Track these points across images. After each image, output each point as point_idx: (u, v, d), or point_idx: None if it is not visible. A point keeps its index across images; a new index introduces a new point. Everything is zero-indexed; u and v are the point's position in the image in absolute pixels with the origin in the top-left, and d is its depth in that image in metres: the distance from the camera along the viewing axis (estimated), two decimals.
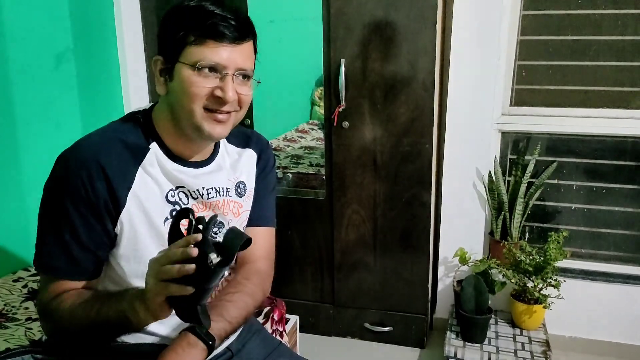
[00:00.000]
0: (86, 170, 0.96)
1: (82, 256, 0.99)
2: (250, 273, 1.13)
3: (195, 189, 1.07)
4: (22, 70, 1.81)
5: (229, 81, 0.98)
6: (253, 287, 1.11)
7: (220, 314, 1.01)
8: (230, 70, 0.98)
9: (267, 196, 1.23)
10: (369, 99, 2.11)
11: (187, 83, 0.97)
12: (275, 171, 1.28)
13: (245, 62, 1.00)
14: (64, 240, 0.98)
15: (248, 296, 1.08)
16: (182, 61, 0.97)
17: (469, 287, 2.07)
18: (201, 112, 0.99)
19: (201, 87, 0.97)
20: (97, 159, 0.97)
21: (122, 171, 0.99)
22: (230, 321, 1.02)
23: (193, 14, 0.97)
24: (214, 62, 0.96)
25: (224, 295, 1.07)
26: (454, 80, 2.16)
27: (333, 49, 2.10)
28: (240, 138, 1.20)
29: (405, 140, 2.11)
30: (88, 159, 0.97)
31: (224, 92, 0.97)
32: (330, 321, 2.42)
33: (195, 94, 0.97)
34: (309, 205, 2.32)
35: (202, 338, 0.95)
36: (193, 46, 0.96)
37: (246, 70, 1.00)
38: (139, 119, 1.07)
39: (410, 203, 2.17)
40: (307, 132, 3.72)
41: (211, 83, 0.97)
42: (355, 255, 2.30)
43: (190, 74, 0.96)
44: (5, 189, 1.78)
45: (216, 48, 0.96)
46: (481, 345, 2.07)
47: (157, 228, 1.03)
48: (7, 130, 1.79)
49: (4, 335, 1.47)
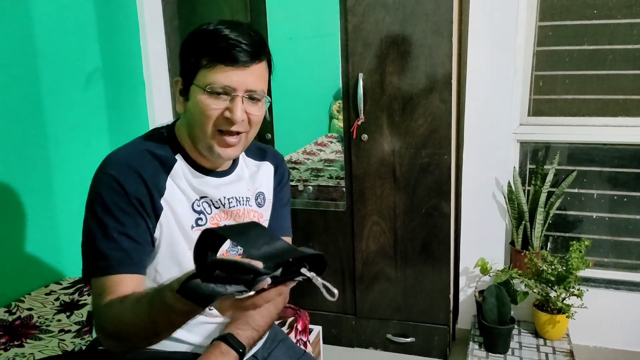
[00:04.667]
0: (126, 174, 1.03)
1: (133, 247, 1.01)
2: None
3: (218, 199, 1.13)
4: (53, 91, 1.89)
5: (238, 102, 1.02)
6: None
7: (247, 322, 1.05)
8: (240, 92, 1.02)
9: (283, 208, 1.28)
10: (387, 112, 2.14)
11: (199, 104, 1.03)
12: (289, 185, 1.33)
13: (255, 84, 1.04)
14: (113, 238, 1.00)
15: (271, 304, 1.11)
16: (196, 83, 1.03)
17: (491, 297, 2.07)
18: (213, 133, 1.05)
19: (212, 108, 1.03)
20: (133, 167, 1.04)
21: (156, 179, 1.06)
22: (257, 329, 1.06)
23: (207, 38, 1.02)
24: (224, 85, 1.01)
25: None
26: (471, 91, 2.19)
27: (351, 64, 2.15)
28: (257, 152, 1.27)
29: (424, 151, 2.14)
30: (125, 166, 1.04)
31: (232, 113, 1.02)
32: (353, 332, 2.44)
33: (207, 115, 1.03)
34: (329, 217, 2.35)
35: (234, 347, 0.99)
36: (205, 70, 1.02)
37: (255, 92, 1.05)
38: (163, 134, 1.13)
39: (430, 214, 2.19)
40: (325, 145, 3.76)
41: (221, 105, 1.03)
42: (377, 266, 2.32)
43: (202, 96, 1.02)
44: (37, 205, 1.85)
45: (226, 72, 1.01)
46: (504, 356, 2.06)
47: (188, 234, 1.09)
48: (39, 150, 1.86)
49: (38, 347, 1.53)
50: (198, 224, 1.10)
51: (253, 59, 1.02)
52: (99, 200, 1.03)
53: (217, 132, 1.05)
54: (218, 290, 0.70)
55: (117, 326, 0.93)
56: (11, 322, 1.63)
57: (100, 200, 1.03)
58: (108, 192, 1.02)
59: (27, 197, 1.81)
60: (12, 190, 1.75)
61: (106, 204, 1.02)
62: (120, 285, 0.98)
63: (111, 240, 1.00)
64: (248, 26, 1.07)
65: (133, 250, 1.01)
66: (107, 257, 1.00)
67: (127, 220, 1.01)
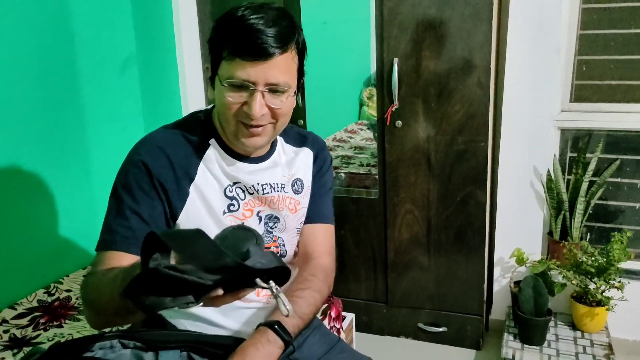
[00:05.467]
0: (155, 157, 1.03)
1: (142, 228, 0.99)
2: (316, 269, 1.15)
3: (251, 185, 1.11)
4: (91, 76, 1.91)
5: (256, 98, 0.98)
6: (320, 283, 1.12)
7: (293, 310, 1.03)
8: (259, 86, 0.98)
9: (324, 195, 1.25)
10: (422, 98, 2.10)
11: (220, 96, 1.01)
12: (332, 171, 1.30)
13: (277, 77, 0.98)
14: (124, 215, 1.00)
15: (316, 292, 1.10)
16: (218, 74, 1.01)
17: (528, 288, 2.02)
18: (235, 124, 1.03)
19: (231, 102, 1.00)
20: (164, 150, 1.04)
21: (186, 164, 1.05)
22: (302, 317, 1.04)
23: (229, 28, 0.98)
24: (242, 80, 0.97)
25: (293, 291, 1.09)
26: (510, 76, 2.12)
27: (386, 49, 2.10)
28: (297, 138, 1.23)
29: (459, 138, 2.09)
30: (157, 149, 1.04)
31: (250, 109, 0.99)
32: (384, 320, 2.42)
33: (228, 108, 1.01)
34: (362, 204, 2.33)
35: (281, 335, 0.97)
36: (225, 62, 0.98)
37: (278, 85, 0.99)
38: (200, 118, 1.13)
39: (465, 202, 2.15)
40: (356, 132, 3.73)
41: (241, 98, 0.99)
42: (409, 254, 2.30)
43: (222, 88, 1.00)
44: (75, 188, 1.88)
45: (244, 66, 0.96)
46: (540, 348, 2.02)
47: (219, 219, 1.07)
48: (78, 134, 1.89)
49: (77, 327, 1.56)
50: (230, 209, 1.09)
51: (276, 50, 0.96)
52: (122, 177, 1.04)
53: (240, 122, 1.03)
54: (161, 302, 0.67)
55: (93, 295, 0.92)
56: (50, 303, 1.67)
57: (124, 178, 1.03)
58: (132, 171, 1.03)
59: (65, 181, 1.84)
60: (51, 174, 1.78)
61: (128, 181, 1.02)
62: (117, 261, 0.96)
63: (122, 217, 1.00)
64: (278, 12, 1.00)
65: (140, 230, 0.99)
66: (113, 232, 1.00)
67: (143, 201, 1.01)
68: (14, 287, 1.66)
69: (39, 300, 1.67)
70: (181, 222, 1.05)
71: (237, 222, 1.10)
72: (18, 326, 1.54)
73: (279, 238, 1.17)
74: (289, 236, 1.19)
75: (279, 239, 1.17)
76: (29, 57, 1.68)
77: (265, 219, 1.15)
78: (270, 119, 1.03)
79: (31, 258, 1.72)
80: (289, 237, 1.19)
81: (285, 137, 1.21)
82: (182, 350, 0.97)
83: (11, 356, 1.40)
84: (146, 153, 1.04)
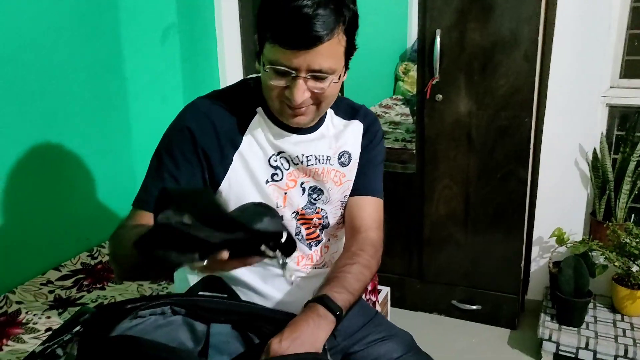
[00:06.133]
0: (201, 123, 1.03)
1: None
2: (364, 244, 1.13)
3: (296, 155, 1.10)
4: (133, 45, 1.92)
5: (297, 84, 0.95)
6: (368, 257, 1.11)
7: (343, 285, 1.01)
8: (302, 72, 0.95)
9: (374, 168, 1.22)
10: (465, 71, 2.04)
11: (263, 77, 1.00)
12: (384, 145, 1.27)
13: (320, 64, 0.94)
14: (162, 177, 1.02)
15: (365, 267, 1.08)
16: (263, 53, 0.98)
17: (568, 269, 1.98)
18: (279, 103, 1.01)
19: (274, 86, 0.98)
20: (211, 117, 1.04)
21: (232, 132, 1.05)
22: (353, 293, 1.02)
23: (273, 11, 0.93)
24: (284, 66, 0.94)
25: (342, 266, 1.07)
26: (558, 50, 2.04)
27: (429, 20, 2.04)
28: (348, 111, 1.20)
29: (503, 113, 2.03)
30: (203, 116, 1.04)
31: (291, 95, 0.97)
32: (417, 296, 2.41)
33: (270, 89, 0.99)
34: (398, 179, 2.30)
35: (332, 310, 0.95)
36: (269, 44, 0.94)
37: (320, 71, 0.95)
38: (250, 85, 1.11)
39: (505, 179, 2.10)
40: (390, 107, 3.68)
41: (283, 82, 0.97)
42: (446, 230, 2.27)
43: (265, 70, 0.98)
44: (117, 155, 1.91)
45: (286, 53, 0.92)
46: (578, 330, 1.98)
47: (261, 188, 1.07)
48: (120, 102, 1.91)
49: (119, 290, 1.60)
50: (274, 179, 1.09)
51: (322, 38, 0.91)
52: (167, 139, 1.05)
53: (283, 102, 1.01)
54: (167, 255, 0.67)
55: (117, 248, 0.95)
56: (93, 266, 1.71)
57: (168, 140, 1.05)
58: (177, 135, 1.04)
59: (107, 148, 1.87)
60: (94, 141, 1.81)
61: (171, 144, 1.03)
62: (146, 220, 0.99)
63: (160, 179, 1.01)
64: None
65: None
66: (148, 192, 1.02)
67: (184, 166, 1.02)
68: (59, 249, 1.71)
69: (82, 263, 1.71)
70: (223, 189, 1.06)
71: (280, 191, 1.10)
72: (63, 287, 1.59)
73: (322, 210, 1.16)
74: (332, 208, 1.18)
75: (322, 211, 1.16)
76: (72, 25, 1.70)
77: (309, 190, 1.14)
78: (313, 101, 1.01)
79: (75, 222, 1.77)
80: (333, 209, 1.18)
81: (335, 109, 1.19)
82: (234, 328, 0.97)
83: (56, 315, 1.45)
84: (193, 119, 1.04)
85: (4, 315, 1.43)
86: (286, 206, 1.11)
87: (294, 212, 1.12)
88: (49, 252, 1.69)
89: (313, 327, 0.92)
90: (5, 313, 1.44)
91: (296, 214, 1.12)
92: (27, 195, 1.61)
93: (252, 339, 0.96)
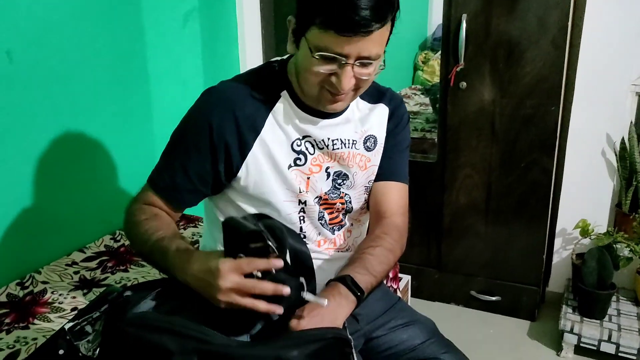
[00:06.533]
0: (220, 109, 1.02)
1: (183, 186, 1.05)
2: (389, 228, 1.12)
3: (321, 139, 1.08)
4: (154, 28, 1.92)
5: (347, 71, 0.94)
6: (393, 242, 1.10)
7: (365, 267, 1.01)
8: (351, 59, 0.93)
9: (400, 153, 1.20)
10: (490, 58, 2.01)
11: (306, 63, 0.96)
12: (409, 129, 1.25)
13: (370, 50, 0.93)
14: (173, 165, 1.05)
15: (389, 251, 1.08)
16: (307, 38, 0.94)
17: (592, 261, 1.94)
18: (319, 89, 1.00)
19: (319, 72, 0.95)
20: (232, 103, 1.03)
21: (253, 116, 1.04)
22: (375, 275, 1.02)
23: None
24: (335, 53, 0.92)
25: (365, 249, 1.07)
26: (588, 36, 1.99)
27: (454, 5, 2.01)
28: (374, 94, 1.18)
29: (528, 102, 1.99)
30: (224, 100, 1.03)
31: (339, 81, 0.95)
32: (435, 286, 2.40)
33: (314, 76, 0.97)
34: (418, 168, 2.28)
35: (353, 290, 0.95)
36: (317, 29, 0.91)
37: (369, 57, 0.94)
38: (274, 68, 1.10)
39: (529, 169, 2.07)
40: (409, 97, 3.64)
41: (328, 69, 0.95)
42: (466, 220, 2.25)
43: (310, 56, 0.94)
44: (138, 139, 1.92)
45: (339, 40, 0.90)
46: (601, 322, 1.95)
47: (282, 173, 1.06)
48: (141, 87, 1.91)
49: (141, 273, 1.61)
50: (296, 163, 1.08)
51: (376, 26, 0.90)
52: (183, 126, 1.07)
53: (324, 89, 0.99)
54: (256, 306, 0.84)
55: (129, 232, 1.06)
56: (117, 248, 1.73)
57: (184, 125, 1.06)
58: (193, 125, 1.04)
59: (128, 133, 1.88)
60: (116, 126, 1.82)
61: (186, 134, 1.05)
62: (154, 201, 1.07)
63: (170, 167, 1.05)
64: None
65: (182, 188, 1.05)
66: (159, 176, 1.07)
67: (195, 157, 1.03)
68: (83, 232, 1.72)
69: (105, 246, 1.73)
70: (242, 175, 1.05)
71: (303, 176, 1.08)
72: (87, 268, 1.61)
73: (346, 195, 1.15)
74: (356, 193, 1.17)
75: (346, 196, 1.15)
76: (95, 9, 1.70)
77: (334, 175, 1.13)
78: (354, 87, 0.99)
79: (98, 205, 1.78)
80: (357, 194, 1.17)
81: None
82: None
83: (81, 295, 1.47)
84: (215, 110, 1.03)
85: (30, 295, 1.45)
86: (309, 191, 1.10)
87: (317, 197, 1.11)
88: (73, 234, 1.70)
89: (334, 305, 0.92)
90: (31, 292, 1.46)
91: (319, 198, 1.12)
92: (52, 178, 1.63)
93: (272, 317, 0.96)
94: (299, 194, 1.08)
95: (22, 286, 1.49)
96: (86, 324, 0.91)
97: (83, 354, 0.90)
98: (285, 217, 1.08)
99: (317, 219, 1.12)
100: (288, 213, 1.09)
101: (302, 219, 1.10)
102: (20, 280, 1.51)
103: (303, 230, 1.11)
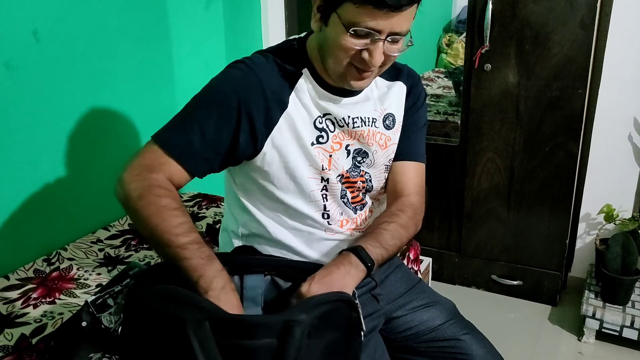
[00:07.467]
0: (247, 81, 1.01)
1: (200, 147, 0.99)
2: (405, 206, 1.13)
3: (342, 117, 1.08)
4: (177, 11, 1.92)
5: (379, 46, 0.94)
6: (407, 219, 1.10)
7: (378, 240, 1.02)
8: (384, 35, 0.93)
9: (417, 132, 1.20)
10: (516, 39, 1.97)
11: (337, 39, 0.95)
12: (427, 107, 1.24)
13: (402, 26, 0.94)
14: (191, 126, 0.99)
15: (402, 228, 1.08)
16: (339, 13, 0.94)
17: (616, 246, 1.92)
18: (347, 65, 0.99)
19: (350, 48, 0.95)
20: (260, 76, 1.02)
21: (279, 92, 1.04)
22: (387, 249, 1.02)
23: None
24: (369, 28, 0.92)
25: (379, 224, 1.08)
26: (617, 17, 1.93)
27: None
28: (391, 72, 1.17)
29: (554, 84, 1.95)
30: (252, 74, 1.02)
31: (371, 57, 0.95)
32: (455, 270, 2.39)
33: (344, 51, 0.96)
34: (440, 151, 2.26)
35: (363, 260, 0.96)
36: (352, 4, 0.91)
37: (400, 33, 0.94)
38: (293, 46, 1.09)
39: (553, 153, 2.03)
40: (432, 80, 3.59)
41: (361, 44, 0.95)
42: (487, 204, 2.23)
43: (342, 31, 0.94)
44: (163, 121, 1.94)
45: (375, 15, 0.90)
46: (623, 308, 1.93)
47: (307, 149, 1.06)
48: (164, 69, 1.93)
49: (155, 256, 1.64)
50: (319, 141, 1.08)
51: (410, 2, 0.91)
52: (208, 88, 1.03)
53: (352, 65, 0.99)
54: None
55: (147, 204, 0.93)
56: None
57: (209, 89, 1.03)
58: (219, 90, 1.02)
59: (152, 113, 1.90)
60: (139, 106, 1.84)
61: (210, 95, 1.02)
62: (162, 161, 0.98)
63: (189, 127, 0.99)
64: None
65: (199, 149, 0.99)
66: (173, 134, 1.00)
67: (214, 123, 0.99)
68: (108, 210, 1.75)
69: (129, 224, 1.76)
70: (267, 149, 1.04)
71: (325, 154, 1.08)
72: (111, 246, 1.64)
73: (366, 173, 1.15)
74: (376, 172, 1.16)
75: (366, 174, 1.15)
76: None
77: (354, 153, 1.13)
78: (382, 63, 0.99)
79: None
80: (377, 172, 1.17)
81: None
82: (266, 275, 0.99)
83: (106, 272, 1.50)
84: (240, 77, 1.02)
85: (56, 271, 1.49)
86: (331, 169, 1.10)
87: (339, 175, 1.11)
88: (98, 212, 1.74)
89: (343, 273, 0.94)
90: (57, 268, 1.50)
91: (341, 177, 1.12)
92: (78, 157, 1.66)
93: (283, 285, 0.98)
94: (322, 171, 1.08)
95: (48, 262, 1.53)
96: (108, 297, 0.93)
97: (105, 325, 0.92)
98: (310, 194, 1.09)
99: (339, 197, 1.12)
100: (312, 190, 1.09)
101: (324, 197, 1.11)
102: (47, 257, 1.55)
103: (327, 209, 1.11)
